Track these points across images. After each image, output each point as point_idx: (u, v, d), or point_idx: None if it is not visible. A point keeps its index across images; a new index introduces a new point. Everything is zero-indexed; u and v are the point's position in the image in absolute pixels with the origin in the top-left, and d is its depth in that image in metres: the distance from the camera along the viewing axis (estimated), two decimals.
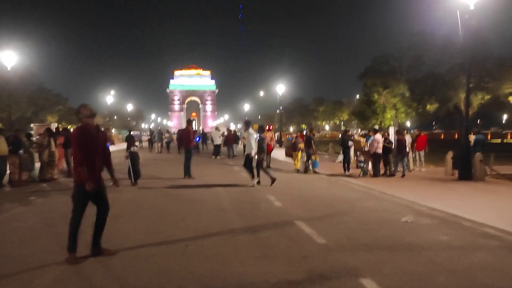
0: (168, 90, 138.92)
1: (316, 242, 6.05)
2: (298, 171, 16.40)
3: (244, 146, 18.29)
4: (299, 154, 16.83)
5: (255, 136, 12.68)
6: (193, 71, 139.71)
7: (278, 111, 67.04)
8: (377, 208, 8.91)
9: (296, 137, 18.26)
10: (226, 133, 27.42)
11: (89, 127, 5.33)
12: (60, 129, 29.95)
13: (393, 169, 15.31)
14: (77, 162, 5.25)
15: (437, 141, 53.31)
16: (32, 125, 44.31)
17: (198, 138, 32.50)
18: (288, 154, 18.46)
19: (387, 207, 9.05)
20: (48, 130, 14.28)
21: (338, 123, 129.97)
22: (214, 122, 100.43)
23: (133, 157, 12.49)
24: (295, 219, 7.57)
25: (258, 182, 12.46)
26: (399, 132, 16.68)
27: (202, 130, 34.80)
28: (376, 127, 16.08)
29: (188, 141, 14.28)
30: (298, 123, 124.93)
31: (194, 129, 37.94)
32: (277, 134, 51.45)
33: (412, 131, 57.11)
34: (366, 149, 15.56)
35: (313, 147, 16.03)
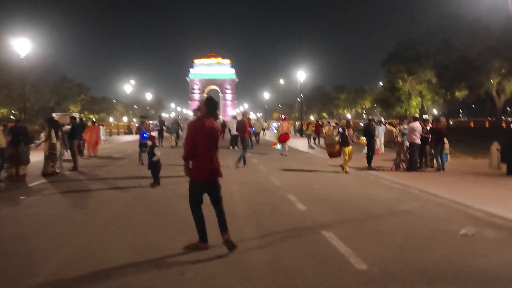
0: (188, 79, 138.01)
1: (354, 267, 4.53)
2: (346, 172, 12.86)
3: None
4: (350, 151, 13.19)
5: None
6: (212, 60, 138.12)
7: (298, 99, 65.30)
8: (422, 213, 7.32)
9: (345, 127, 13.70)
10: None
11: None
12: (84, 120, 29.00)
13: (428, 161, 13.62)
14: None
15: (467, 130, 50.71)
16: (54, 114, 44.03)
17: None
18: (334, 154, 13.83)
19: (435, 212, 7.45)
20: (49, 120, 12.99)
21: (360, 111, 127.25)
22: (234, 111, 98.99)
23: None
24: (323, 229, 6.07)
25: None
26: (438, 120, 14.93)
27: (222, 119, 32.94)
28: (416, 114, 14.23)
29: (244, 132, 14.32)
30: (319, 111, 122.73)
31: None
32: (297, 123, 49.79)
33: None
34: (400, 139, 13.87)
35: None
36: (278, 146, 20.56)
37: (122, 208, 7.73)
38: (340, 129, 13.10)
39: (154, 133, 21.48)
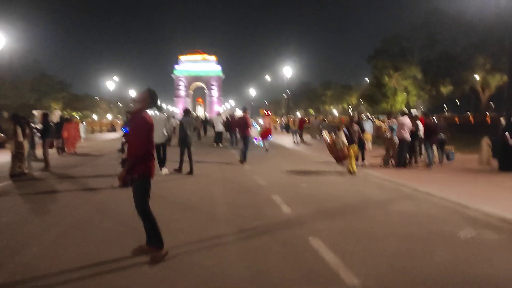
0: (173, 76, 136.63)
1: (345, 283, 3.97)
2: (352, 173, 11.56)
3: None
4: (356, 149, 12.12)
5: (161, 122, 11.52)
6: (198, 56, 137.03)
7: (285, 95, 64.82)
8: (417, 213, 6.82)
9: (349, 123, 12.41)
10: (229, 119, 25.18)
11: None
12: (66, 117, 28.25)
13: (420, 157, 13.22)
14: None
15: (453, 126, 50.22)
16: (34, 111, 42.80)
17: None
18: (341, 157, 12.29)
19: (430, 212, 6.96)
20: (14, 116, 12.13)
21: (346, 107, 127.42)
22: (220, 108, 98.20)
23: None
24: (311, 235, 5.50)
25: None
26: (427, 115, 14.53)
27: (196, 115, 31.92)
28: (405, 109, 13.77)
29: (245, 129, 14.21)
30: (305, 107, 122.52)
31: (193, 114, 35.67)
32: (283, 118, 49.28)
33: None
34: (388, 135, 13.42)
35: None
36: (261, 143, 20.66)
37: (87, 213, 6.99)
38: (345, 129, 12.17)
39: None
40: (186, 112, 12.59)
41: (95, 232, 5.79)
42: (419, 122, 13.45)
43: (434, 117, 16.16)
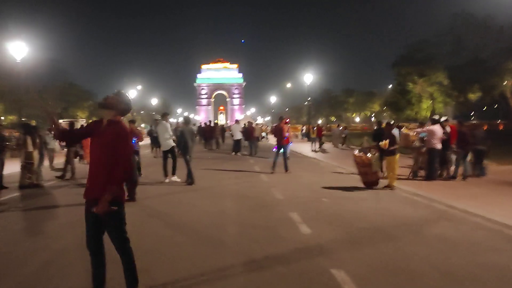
0: (195, 84, 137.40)
1: None
2: (391, 188, 10.21)
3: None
4: (396, 160, 10.53)
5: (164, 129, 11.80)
6: (220, 65, 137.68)
7: (306, 102, 63.83)
8: (458, 239, 5.81)
9: (385, 129, 11.16)
10: (247, 126, 24.35)
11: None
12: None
13: (452, 168, 12.07)
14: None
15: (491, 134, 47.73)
16: (61, 121, 43.06)
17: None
18: (372, 182, 10.48)
19: (473, 237, 5.94)
20: (24, 126, 11.66)
21: (369, 114, 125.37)
22: (242, 116, 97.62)
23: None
24: (334, 266, 4.61)
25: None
26: (461, 122, 13.37)
27: (209, 123, 31.06)
28: (436, 116, 12.64)
29: (281, 138, 13.90)
30: (327, 115, 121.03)
31: (213, 123, 34.98)
32: (304, 127, 48.21)
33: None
34: (417, 144, 12.38)
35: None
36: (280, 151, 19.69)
37: (83, 234, 6.22)
38: (380, 143, 10.99)
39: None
40: (186, 120, 12.16)
41: (86, 260, 5.02)
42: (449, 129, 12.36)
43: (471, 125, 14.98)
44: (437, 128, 11.72)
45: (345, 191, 10.13)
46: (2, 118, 54.19)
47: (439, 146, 11.62)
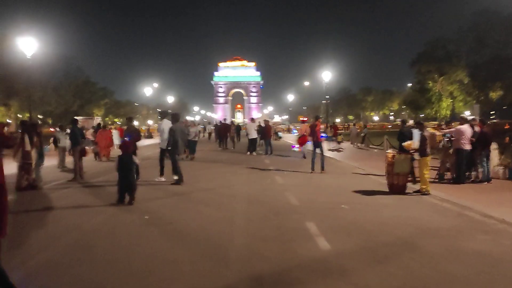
0: (212, 82, 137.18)
1: None
2: (427, 193, 9.23)
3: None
4: (427, 162, 9.59)
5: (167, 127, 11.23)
6: (237, 63, 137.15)
7: (324, 101, 62.81)
8: (500, 257, 4.96)
9: (418, 128, 10.28)
10: (263, 125, 23.54)
11: None
12: (99, 123, 28.52)
13: (481, 170, 11.17)
14: None
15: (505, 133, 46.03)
16: (77, 117, 42.99)
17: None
18: (396, 186, 9.52)
19: None
20: (23, 123, 11.12)
21: (387, 113, 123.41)
22: (259, 114, 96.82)
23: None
24: None
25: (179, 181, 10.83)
26: (483, 122, 12.43)
27: (224, 121, 30.42)
28: (465, 116, 11.79)
29: (317, 136, 13.96)
30: (345, 114, 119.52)
31: (228, 121, 34.32)
32: (322, 126, 47.28)
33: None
34: (444, 145, 11.51)
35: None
36: (296, 148, 20.60)
37: (68, 247, 5.57)
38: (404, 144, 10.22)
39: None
40: (175, 117, 11.43)
41: (63, 278, 4.42)
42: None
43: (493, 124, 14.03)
44: (466, 128, 10.85)
45: (366, 195, 9.32)
46: (19, 116, 54.50)
47: (467, 146, 10.76)
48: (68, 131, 14.19)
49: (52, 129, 49.69)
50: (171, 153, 10.96)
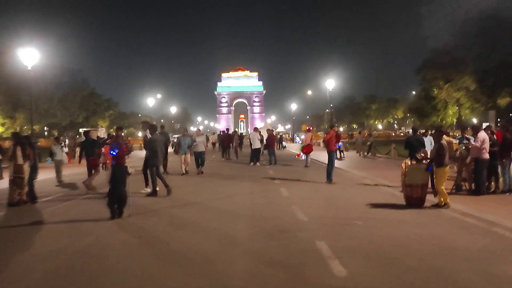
0: (215, 93, 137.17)
1: None
2: (443, 206, 8.53)
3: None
4: (446, 173, 8.87)
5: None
6: (240, 73, 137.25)
7: (327, 110, 62.19)
8: None
9: (437, 136, 9.11)
10: (268, 134, 22.83)
11: None
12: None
13: (501, 180, 10.44)
14: None
15: None
16: (81, 130, 42.64)
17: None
18: (415, 199, 8.75)
19: None
20: (14, 135, 10.51)
21: (391, 121, 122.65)
22: (262, 124, 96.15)
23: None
24: None
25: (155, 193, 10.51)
26: (506, 128, 11.70)
27: (227, 131, 29.72)
28: (486, 123, 11.08)
29: (331, 145, 13.60)
30: (349, 122, 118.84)
31: (231, 131, 33.68)
32: (325, 134, 46.69)
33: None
34: (462, 153, 10.78)
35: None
36: (303, 157, 20.20)
37: (49, 274, 4.88)
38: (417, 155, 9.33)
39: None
40: (153, 128, 11.09)
41: None
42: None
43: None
44: (484, 135, 10.13)
45: (380, 208, 8.60)
46: (25, 128, 54.13)
47: (486, 155, 10.04)
48: (63, 144, 13.64)
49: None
50: (150, 164, 10.61)
